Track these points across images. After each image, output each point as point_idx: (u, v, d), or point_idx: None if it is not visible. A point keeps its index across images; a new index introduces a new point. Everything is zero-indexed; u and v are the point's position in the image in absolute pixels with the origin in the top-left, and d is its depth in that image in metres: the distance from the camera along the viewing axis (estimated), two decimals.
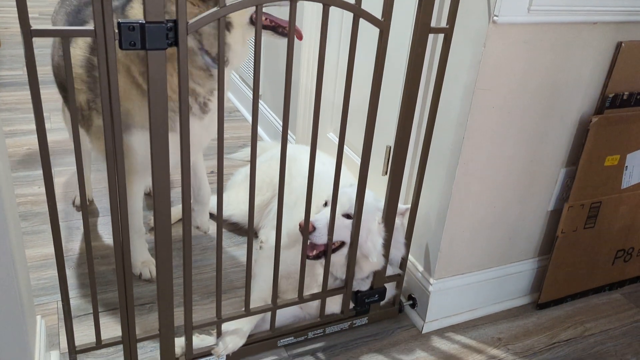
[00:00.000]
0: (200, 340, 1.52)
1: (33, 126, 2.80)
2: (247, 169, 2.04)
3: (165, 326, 1.39)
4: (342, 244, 1.59)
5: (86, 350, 1.33)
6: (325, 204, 1.63)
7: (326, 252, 1.55)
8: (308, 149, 2.10)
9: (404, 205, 1.65)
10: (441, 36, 1.46)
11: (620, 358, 1.69)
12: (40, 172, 2.40)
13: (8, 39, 4.10)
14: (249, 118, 3.23)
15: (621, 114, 1.66)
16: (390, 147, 1.86)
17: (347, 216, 1.58)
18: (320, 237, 1.53)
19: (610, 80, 1.60)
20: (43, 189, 2.28)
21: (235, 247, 2.05)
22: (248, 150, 2.77)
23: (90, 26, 1.06)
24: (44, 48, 3.83)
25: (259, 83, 1.22)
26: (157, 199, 1.22)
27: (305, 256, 1.53)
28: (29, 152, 2.56)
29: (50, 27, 1.02)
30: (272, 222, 1.97)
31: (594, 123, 1.61)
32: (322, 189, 1.79)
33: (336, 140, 2.24)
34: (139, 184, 1.70)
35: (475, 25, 1.39)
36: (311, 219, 1.52)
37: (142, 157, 1.59)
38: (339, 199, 1.53)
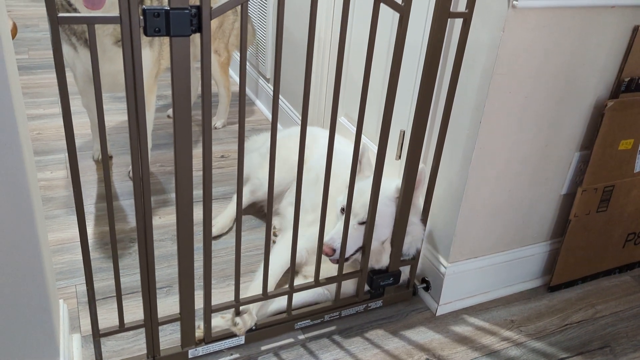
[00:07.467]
0: (225, 322, 1.53)
1: (42, 111, 2.80)
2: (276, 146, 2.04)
3: (186, 309, 1.41)
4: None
5: (109, 333, 1.35)
6: (342, 211, 1.60)
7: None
8: (324, 130, 2.11)
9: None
10: (460, 21, 1.46)
11: (631, 339, 1.71)
12: (51, 156, 2.40)
13: None
14: (257, 102, 3.22)
15: (636, 98, 1.66)
16: (403, 132, 1.86)
17: (364, 223, 1.58)
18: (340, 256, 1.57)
19: (626, 64, 1.60)
20: (55, 174, 2.28)
21: (248, 231, 2.06)
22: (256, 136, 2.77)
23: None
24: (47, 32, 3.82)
25: (279, 77, 1.22)
26: (179, 183, 1.23)
27: (321, 249, 1.55)
28: (39, 137, 2.57)
29: (76, 14, 1.02)
30: (290, 200, 1.98)
31: (609, 107, 1.62)
32: (340, 167, 1.80)
33: (348, 124, 2.24)
34: None
35: (494, 10, 1.38)
36: (327, 239, 1.55)
37: None
38: (353, 207, 1.54)
